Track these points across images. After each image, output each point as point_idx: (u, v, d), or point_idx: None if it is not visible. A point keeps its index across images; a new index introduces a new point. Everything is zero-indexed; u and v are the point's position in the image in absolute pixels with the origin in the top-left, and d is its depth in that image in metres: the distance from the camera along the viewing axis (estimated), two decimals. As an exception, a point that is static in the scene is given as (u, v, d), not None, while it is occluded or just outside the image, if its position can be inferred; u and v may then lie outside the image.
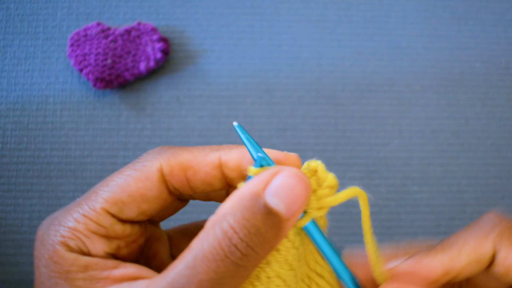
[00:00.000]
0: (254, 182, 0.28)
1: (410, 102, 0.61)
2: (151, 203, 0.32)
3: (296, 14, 0.63)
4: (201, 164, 0.32)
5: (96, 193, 0.31)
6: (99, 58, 0.58)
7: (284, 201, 0.28)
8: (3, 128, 0.59)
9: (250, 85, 0.61)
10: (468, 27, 0.63)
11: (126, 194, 0.31)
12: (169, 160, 0.32)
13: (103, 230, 0.31)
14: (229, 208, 0.27)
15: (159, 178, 0.31)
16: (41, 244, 0.31)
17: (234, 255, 0.26)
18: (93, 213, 0.30)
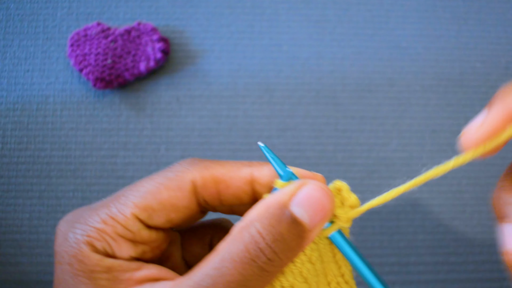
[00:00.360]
0: (281, 193, 0.30)
1: (410, 102, 0.61)
2: (179, 213, 0.32)
3: (296, 14, 0.63)
4: (234, 179, 0.33)
5: (126, 197, 0.32)
6: (99, 58, 0.58)
7: (308, 212, 0.29)
8: (3, 128, 0.59)
9: (250, 85, 0.61)
10: (468, 27, 0.63)
11: (157, 202, 0.31)
12: (202, 172, 0.32)
13: (130, 235, 0.31)
14: (256, 215, 0.29)
15: (191, 189, 0.32)
16: (65, 240, 0.31)
17: (260, 259, 0.28)
18: (122, 217, 0.31)
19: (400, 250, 0.57)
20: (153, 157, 0.59)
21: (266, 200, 0.30)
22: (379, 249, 0.57)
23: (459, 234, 0.58)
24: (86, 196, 0.58)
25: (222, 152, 0.59)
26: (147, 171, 0.58)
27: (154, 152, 0.59)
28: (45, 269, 0.56)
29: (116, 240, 0.31)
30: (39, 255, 0.57)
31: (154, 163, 0.59)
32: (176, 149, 0.59)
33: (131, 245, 0.32)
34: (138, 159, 0.59)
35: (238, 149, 0.59)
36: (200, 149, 0.59)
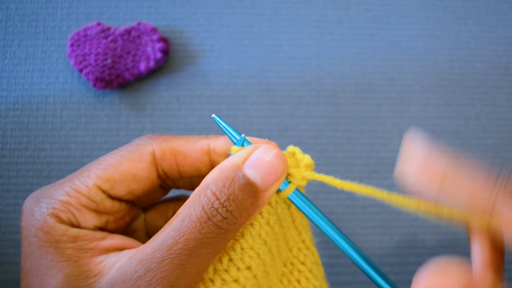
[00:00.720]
0: (235, 157, 0.32)
1: (410, 102, 0.61)
2: (140, 184, 0.34)
3: (296, 14, 0.63)
4: (191, 150, 0.34)
5: (88, 170, 0.33)
6: (99, 58, 0.58)
7: (260, 173, 0.31)
8: (3, 128, 0.59)
9: (250, 85, 0.61)
10: (468, 27, 0.63)
11: (118, 173, 0.33)
12: (161, 144, 0.34)
13: (94, 205, 0.33)
14: (211, 178, 0.31)
15: (151, 160, 0.34)
16: (31, 215, 0.32)
17: (216, 217, 0.30)
18: (85, 188, 0.32)
19: (400, 250, 0.57)
20: (153, 157, 0.59)
21: (221, 164, 0.32)
22: (379, 249, 0.57)
23: (459, 234, 0.58)
24: (86, 196, 0.58)
25: (222, 152, 0.59)
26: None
27: (154, 152, 0.59)
28: (45, 269, 0.56)
29: (80, 210, 0.32)
30: (39, 255, 0.56)
31: (154, 163, 0.59)
32: (176, 149, 0.59)
33: (95, 215, 0.33)
34: (138, 159, 0.59)
35: (238, 149, 0.59)
36: (200, 149, 0.59)
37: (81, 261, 0.31)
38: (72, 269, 0.30)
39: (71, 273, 0.30)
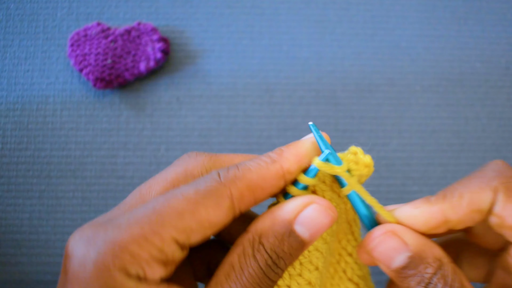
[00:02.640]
0: (288, 210, 0.32)
1: (410, 102, 0.61)
2: (216, 229, 0.31)
3: (296, 14, 0.63)
4: (268, 181, 0.33)
5: (160, 216, 0.29)
6: (99, 58, 0.58)
7: (310, 231, 0.32)
8: (3, 128, 0.59)
9: (250, 85, 0.61)
10: (468, 27, 0.63)
11: (195, 222, 0.30)
12: (236, 184, 0.32)
13: (165, 257, 0.29)
14: (264, 231, 0.32)
15: (229, 205, 0.31)
16: (84, 260, 0.28)
17: (270, 274, 0.31)
18: (159, 240, 0.29)
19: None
20: (153, 157, 0.59)
21: (273, 212, 0.32)
22: (379, 249, 0.57)
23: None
24: (86, 196, 0.58)
25: (222, 152, 0.59)
26: (147, 171, 0.58)
27: (154, 152, 0.59)
28: (45, 269, 0.56)
29: (150, 264, 0.29)
30: (39, 255, 0.56)
31: (154, 163, 0.59)
32: (176, 149, 0.59)
33: (163, 267, 0.30)
34: (138, 159, 0.59)
35: (238, 149, 0.59)
36: (200, 149, 0.59)
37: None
38: None
39: None
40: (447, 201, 0.33)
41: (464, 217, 0.32)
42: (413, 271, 0.32)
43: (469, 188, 0.33)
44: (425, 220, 0.33)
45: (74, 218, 0.57)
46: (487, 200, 0.32)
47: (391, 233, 0.33)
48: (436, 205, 0.33)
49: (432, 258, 0.32)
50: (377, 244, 0.33)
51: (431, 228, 0.33)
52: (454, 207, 0.32)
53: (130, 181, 0.58)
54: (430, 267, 0.32)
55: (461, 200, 0.32)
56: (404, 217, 0.34)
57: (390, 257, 0.33)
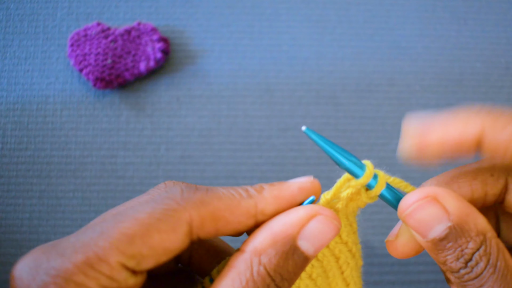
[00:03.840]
0: (290, 224, 0.29)
1: (410, 102, 0.61)
2: (170, 255, 0.28)
3: (296, 14, 0.63)
4: (235, 215, 0.29)
5: (106, 239, 0.26)
6: (99, 58, 0.58)
7: (314, 246, 0.29)
8: (3, 128, 0.59)
9: (250, 85, 0.61)
10: (468, 27, 0.63)
11: (147, 247, 0.27)
12: (199, 209, 0.28)
13: (115, 285, 0.27)
14: (263, 249, 0.28)
15: (186, 231, 0.28)
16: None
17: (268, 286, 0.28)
18: (106, 267, 0.26)
19: (400, 250, 0.57)
20: (153, 157, 0.59)
21: (272, 230, 0.29)
22: (379, 249, 0.57)
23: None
24: (86, 196, 0.58)
25: (222, 152, 0.59)
26: (147, 171, 0.58)
27: (154, 152, 0.59)
28: (45, 269, 0.56)
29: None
30: (39, 255, 0.56)
31: (154, 163, 0.59)
32: (176, 149, 0.59)
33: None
34: (138, 159, 0.59)
35: (238, 149, 0.59)
36: (200, 149, 0.59)
37: None
38: None
39: None
40: (490, 119, 0.30)
41: (505, 145, 0.29)
42: (452, 243, 0.29)
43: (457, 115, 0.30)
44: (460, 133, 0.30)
45: (74, 218, 0.57)
46: (476, 129, 0.30)
47: (432, 198, 0.30)
48: (476, 120, 0.30)
49: (475, 231, 0.29)
50: (414, 211, 0.30)
51: (461, 147, 0.30)
52: (496, 128, 0.29)
53: (130, 181, 0.58)
54: (472, 241, 0.28)
55: (509, 126, 0.29)
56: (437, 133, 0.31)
57: (428, 226, 0.29)
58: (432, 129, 0.31)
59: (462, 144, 0.30)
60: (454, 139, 0.30)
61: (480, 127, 0.30)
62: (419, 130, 0.31)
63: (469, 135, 0.30)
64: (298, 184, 0.31)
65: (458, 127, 0.31)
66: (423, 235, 0.30)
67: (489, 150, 0.30)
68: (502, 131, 0.30)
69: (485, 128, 0.30)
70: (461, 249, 0.29)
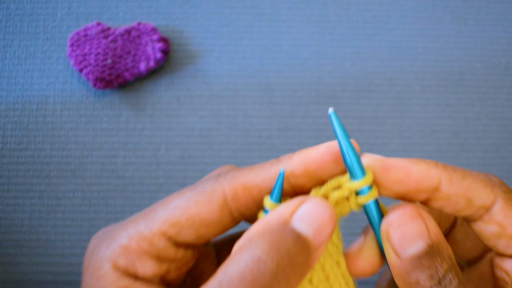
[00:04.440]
0: (281, 210, 0.28)
1: (410, 102, 0.61)
2: (210, 228, 0.30)
3: (296, 14, 0.63)
4: (266, 180, 0.30)
5: (154, 211, 0.30)
6: (99, 58, 0.58)
7: (312, 226, 0.28)
8: (3, 128, 0.59)
9: (250, 85, 0.61)
10: (468, 27, 0.63)
11: (185, 217, 0.30)
12: (231, 182, 0.30)
13: (156, 252, 0.30)
14: (256, 232, 0.27)
15: (221, 202, 0.30)
16: (92, 254, 0.30)
17: (264, 276, 0.25)
18: (149, 232, 0.29)
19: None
20: (153, 157, 0.59)
21: (264, 218, 0.28)
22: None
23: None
24: (86, 196, 0.58)
25: (222, 152, 0.59)
26: (147, 171, 0.58)
27: (154, 152, 0.59)
28: (45, 269, 0.56)
29: (141, 257, 0.29)
30: (39, 255, 0.57)
31: (154, 163, 0.59)
32: (176, 149, 0.59)
33: (155, 262, 0.30)
34: (138, 159, 0.59)
35: (238, 149, 0.59)
36: (200, 149, 0.59)
37: None
38: None
39: None
40: (448, 172, 0.30)
41: (456, 197, 0.29)
42: (428, 261, 0.28)
43: (472, 178, 0.30)
44: (421, 177, 0.29)
45: (74, 218, 0.57)
46: (487, 199, 0.29)
47: (418, 214, 0.29)
48: (437, 169, 0.30)
49: (447, 254, 0.29)
50: (398, 226, 0.29)
51: (420, 189, 0.30)
52: (452, 181, 0.29)
53: (130, 181, 0.58)
54: (445, 261, 0.28)
55: (463, 181, 0.29)
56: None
57: (410, 241, 0.29)
58: (398, 162, 0.30)
59: (422, 184, 0.30)
60: (418, 175, 0.30)
61: (438, 175, 0.30)
62: (385, 161, 0.31)
63: (430, 178, 0.30)
64: (326, 144, 0.31)
65: (422, 168, 0.30)
66: (402, 251, 0.29)
67: (442, 198, 0.30)
68: (458, 184, 0.30)
69: (441, 177, 0.30)
70: (435, 268, 0.28)
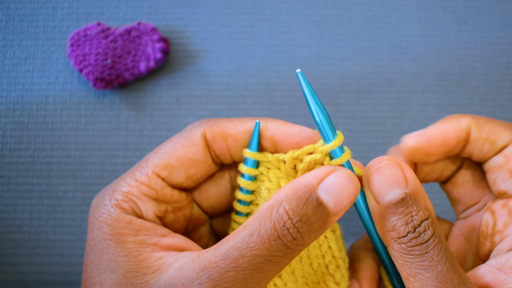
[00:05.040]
0: (310, 176, 0.32)
1: (410, 102, 0.61)
2: (197, 168, 0.35)
3: (296, 14, 0.63)
4: (240, 132, 0.34)
5: (147, 161, 0.34)
6: (99, 58, 0.58)
7: (334, 197, 0.31)
8: (3, 128, 0.59)
9: (250, 85, 0.61)
10: (468, 27, 0.63)
11: (175, 159, 0.34)
12: (211, 127, 0.34)
13: (154, 193, 0.33)
14: (285, 195, 0.30)
15: (203, 143, 0.34)
16: (96, 209, 0.33)
17: (286, 237, 0.29)
18: (145, 177, 0.33)
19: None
20: (153, 157, 0.59)
21: (295, 181, 0.32)
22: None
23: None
24: (86, 196, 0.58)
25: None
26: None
27: (154, 152, 0.59)
28: (45, 269, 0.56)
29: (141, 199, 0.33)
30: (39, 255, 0.57)
31: (154, 163, 0.59)
32: (176, 149, 0.59)
33: (155, 203, 0.33)
34: (138, 159, 0.59)
35: (238, 149, 0.59)
36: (200, 149, 0.59)
37: (141, 256, 0.31)
38: (131, 265, 0.31)
39: (130, 269, 0.31)
40: (474, 118, 0.34)
41: (482, 141, 0.33)
42: (404, 209, 0.31)
43: (494, 122, 0.34)
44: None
45: (74, 218, 0.57)
46: (507, 140, 0.33)
47: (396, 163, 0.33)
48: (466, 118, 0.35)
49: (424, 206, 0.31)
50: (377, 170, 0.33)
51: (460, 138, 0.34)
52: (478, 125, 0.34)
53: (130, 181, 0.58)
54: (421, 211, 0.31)
55: (486, 124, 0.34)
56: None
57: (386, 188, 0.32)
58: (432, 127, 0.36)
59: (461, 135, 0.34)
60: (453, 132, 0.35)
61: (468, 122, 0.35)
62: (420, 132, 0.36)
63: (463, 127, 0.34)
64: (301, 127, 0.36)
65: (454, 120, 0.35)
66: (381, 197, 0.32)
67: (471, 142, 0.34)
68: (483, 128, 0.34)
69: (471, 124, 0.35)
70: (411, 215, 0.31)
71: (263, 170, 0.35)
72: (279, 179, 0.34)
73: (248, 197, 0.36)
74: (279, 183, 0.34)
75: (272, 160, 0.34)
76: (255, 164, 0.35)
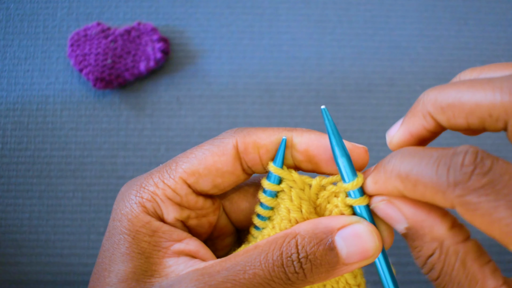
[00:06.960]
0: (335, 219, 0.32)
1: (410, 102, 0.61)
2: (224, 178, 0.34)
3: (296, 14, 0.63)
4: (274, 143, 0.34)
5: (176, 163, 0.34)
6: (99, 58, 0.58)
7: (348, 247, 0.31)
8: (3, 128, 0.59)
9: (250, 85, 0.61)
10: (468, 27, 0.63)
11: (203, 167, 0.33)
12: (244, 138, 0.34)
13: (178, 198, 0.34)
14: (303, 229, 0.31)
15: (234, 154, 0.34)
16: (122, 199, 0.34)
17: (289, 268, 0.30)
18: (172, 181, 0.33)
19: (400, 250, 0.57)
20: (153, 157, 0.59)
21: (319, 219, 0.32)
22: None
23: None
24: (86, 196, 0.58)
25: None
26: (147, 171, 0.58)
27: (154, 152, 0.59)
28: (45, 269, 0.56)
29: (165, 202, 0.33)
30: (39, 255, 0.57)
31: (154, 163, 0.59)
32: (176, 149, 0.59)
33: (177, 208, 0.34)
34: (138, 159, 0.59)
35: (238, 149, 0.59)
36: (200, 149, 0.59)
37: (152, 258, 0.32)
38: (142, 263, 0.32)
39: (140, 266, 0.32)
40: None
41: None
42: (411, 242, 0.31)
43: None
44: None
45: (74, 218, 0.57)
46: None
47: (388, 201, 0.32)
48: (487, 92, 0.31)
49: (430, 237, 0.30)
50: (382, 205, 0.32)
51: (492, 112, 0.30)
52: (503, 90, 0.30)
53: (130, 181, 0.58)
54: (425, 246, 0.31)
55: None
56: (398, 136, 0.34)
57: (392, 221, 0.32)
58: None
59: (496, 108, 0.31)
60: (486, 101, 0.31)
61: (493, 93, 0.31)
62: None
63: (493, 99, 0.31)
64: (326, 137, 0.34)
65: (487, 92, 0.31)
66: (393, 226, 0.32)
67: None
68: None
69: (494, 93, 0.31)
70: (418, 250, 0.31)
71: (285, 188, 0.34)
72: (301, 200, 0.34)
73: (267, 213, 0.35)
74: (301, 204, 0.34)
75: (297, 180, 0.34)
76: (278, 180, 0.34)
